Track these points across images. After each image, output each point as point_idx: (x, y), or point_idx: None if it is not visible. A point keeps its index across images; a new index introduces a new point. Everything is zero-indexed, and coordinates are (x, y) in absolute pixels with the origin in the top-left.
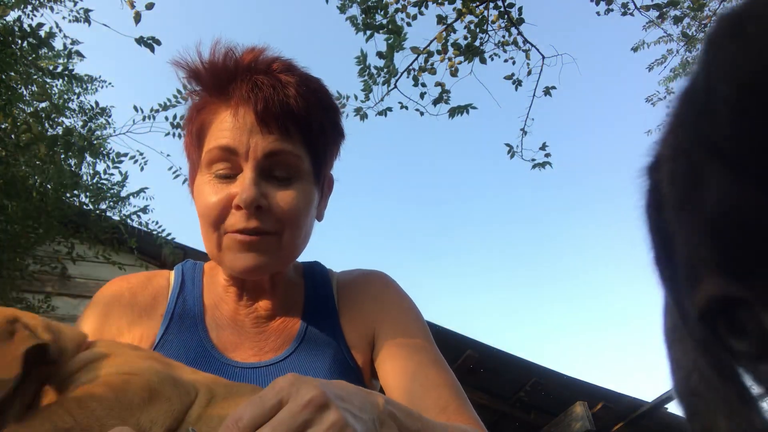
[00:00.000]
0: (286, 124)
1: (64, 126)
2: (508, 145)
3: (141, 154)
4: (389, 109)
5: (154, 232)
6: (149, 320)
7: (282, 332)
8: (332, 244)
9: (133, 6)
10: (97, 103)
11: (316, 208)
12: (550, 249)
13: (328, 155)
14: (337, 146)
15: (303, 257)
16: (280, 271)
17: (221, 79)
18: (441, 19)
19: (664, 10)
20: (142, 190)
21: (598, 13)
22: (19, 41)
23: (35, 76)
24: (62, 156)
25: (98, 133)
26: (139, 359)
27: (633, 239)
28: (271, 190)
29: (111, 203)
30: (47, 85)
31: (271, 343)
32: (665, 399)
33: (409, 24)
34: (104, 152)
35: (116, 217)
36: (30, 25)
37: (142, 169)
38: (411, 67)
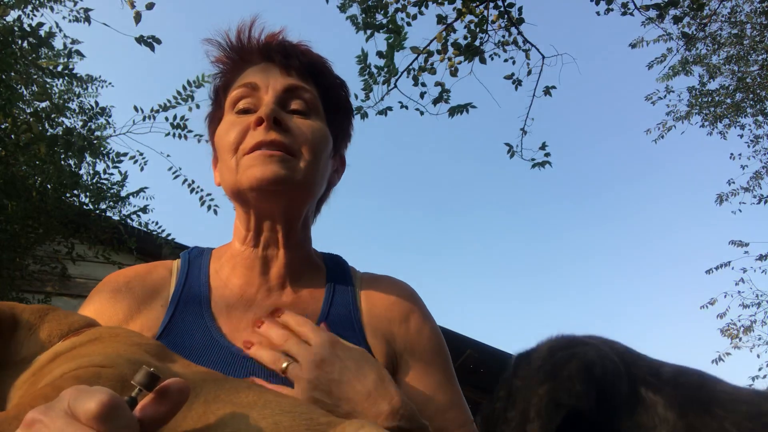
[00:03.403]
0: (303, 72)
1: (64, 126)
2: (507, 144)
3: (141, 154)
4: (389, 108)
5: (154, 232)
6: (149, 311)
7: (297, 311)
8: (333, 245)
9: (133, 6)
10: (96, 102)
11: (330, 158)
12: (550, 248)
13: (341, 116)
14: (348, 117)
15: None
16: (296, 200)
17: (246, 49)
18: (441, 19)
19: (664, 9)
20: (141, 189)
21: (597, 13)
22: (19, 41)
23: (35, 76)
24: (62, 156)
25: (98, 133)
26: (120, 348)
27: (633, 239)
28: (290, 118)
29: (111, 203)
30: (47, 85)
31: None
32: None
33: (409, 24)
34: (104, 152)
35: (116, 217)
36: (30, 25)
37: (142, 169)
38: (411, 67)
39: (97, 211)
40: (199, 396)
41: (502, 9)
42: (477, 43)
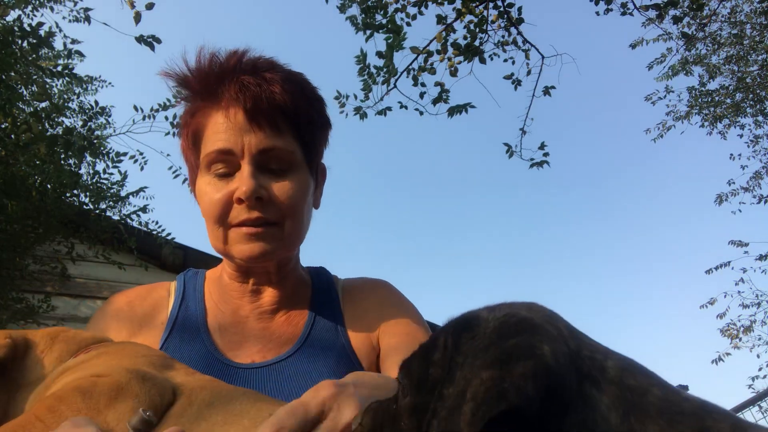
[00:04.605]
0: (276, 119)
1: (64, 126)
2: (506, 144)
3: (141, 153)
4: (389, 108)
5: (154, 232)
6: (150, 330)
7: (285, 330)
8: (332, 245)
9: (133, 6)
10: (96, 102)
11: (312, 195)
12: (550, 248)
13: (318, 145)
14: (325, 135)
15: (307, 261)
16: (285, 257)
17: (209, 83)
18: (441, 19)
19: (663, 9)
20: (141, 189)
21: (597, 13)
22: (19, 41)
23: (35, 76)
24: (62, 156)
25: (98, 132)
26: (122, 360)
27: (632, 238)
28: (269, 182)
29: (111, 203)
30: (47, 85)
31: (274, 341)
32: None
33: (408, 24)
34: (104, 152)
35: (116, 217)
36: (30, 25)
37: (142, 168)
38: (410, 67)
39: (97, 211)
40: (193, 404)
41: (501, 9)
42: (477, 43)
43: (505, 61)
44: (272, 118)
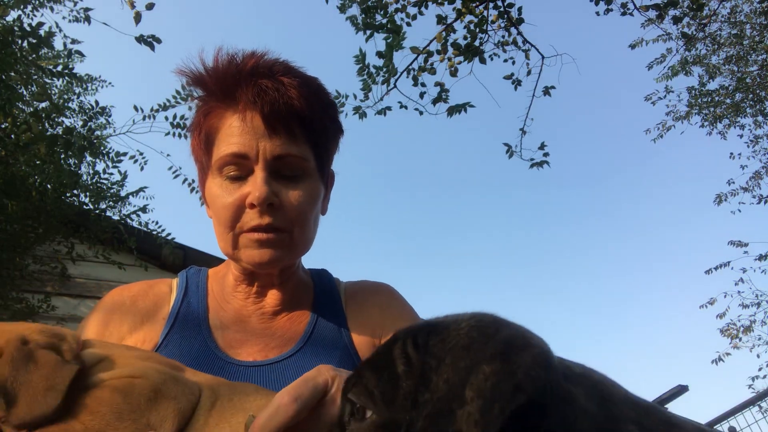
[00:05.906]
0: (292, 126)
1: (64, 126)
2: (506, 144)
3: (141, 153)
4: (389, 108)
5: (154, 232)
6: (151, 324)
7: (288, 329)
8: (331, 245)
9: (133, 6)
10: (97, 102)
11: (321, 202)
12: (549, 249)
13: (330, 151)
14: (336, 141)
15: (307, 262)
16: (290, 262)
17: (226, 84)
18: (441, 19)
19: (663, 10)
20: (141, 189)
21: (597, 13)
22: (19, 41)
23: (35, 76)
24: (62, 156)
25: (98, 132)
26: (138, 360)
27: (632, 239)
28: (281, 189)
29: (111, 203)
30: (47, 85)
31: (277, 340)
32: (664, 399)
33: (408, 24)
34: (104, 152)
35: (116, 217)
36: (30, 25)
37: (142, 168)
38: (410, 67)
39: (97, 211)
40: (216, 401)
41: (501, 9)
42: (477, 43)
43: (505, 61)
44: (289, 124)
